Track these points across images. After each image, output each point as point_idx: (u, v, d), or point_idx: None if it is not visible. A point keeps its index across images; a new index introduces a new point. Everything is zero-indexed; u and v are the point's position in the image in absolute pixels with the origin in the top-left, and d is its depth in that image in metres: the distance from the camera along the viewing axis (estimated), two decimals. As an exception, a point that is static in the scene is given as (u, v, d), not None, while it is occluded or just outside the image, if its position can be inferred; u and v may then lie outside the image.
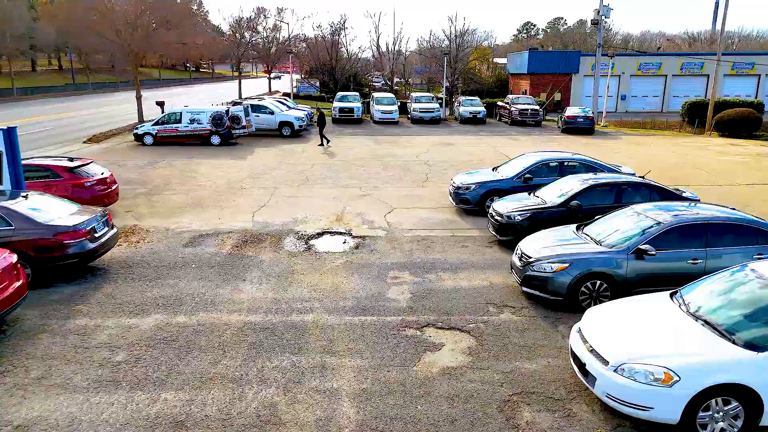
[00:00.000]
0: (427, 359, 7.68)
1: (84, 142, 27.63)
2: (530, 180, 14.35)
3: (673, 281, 8.49)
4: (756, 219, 9.51)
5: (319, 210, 15.47)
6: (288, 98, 41.53)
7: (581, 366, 6.70)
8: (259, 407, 6.57)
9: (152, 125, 27.08)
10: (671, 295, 7.40)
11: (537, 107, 38.43)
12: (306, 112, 33.89)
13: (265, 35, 65.57)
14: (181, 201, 16.36)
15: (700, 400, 5.87)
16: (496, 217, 12.40)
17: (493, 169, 16.03)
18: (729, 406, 5.91)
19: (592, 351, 6.59)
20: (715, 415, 5.94)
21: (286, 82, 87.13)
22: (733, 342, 6.08)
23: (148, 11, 31.98)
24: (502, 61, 70.36)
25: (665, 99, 54.22)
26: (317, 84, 61.77)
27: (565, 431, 6.21)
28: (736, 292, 6.85)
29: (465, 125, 37.93)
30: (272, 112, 31.01)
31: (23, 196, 10.56)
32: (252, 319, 8.81)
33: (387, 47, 63.80)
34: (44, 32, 62.66)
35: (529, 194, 13.15)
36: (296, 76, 66.34)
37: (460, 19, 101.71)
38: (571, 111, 34.97)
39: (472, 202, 14.78)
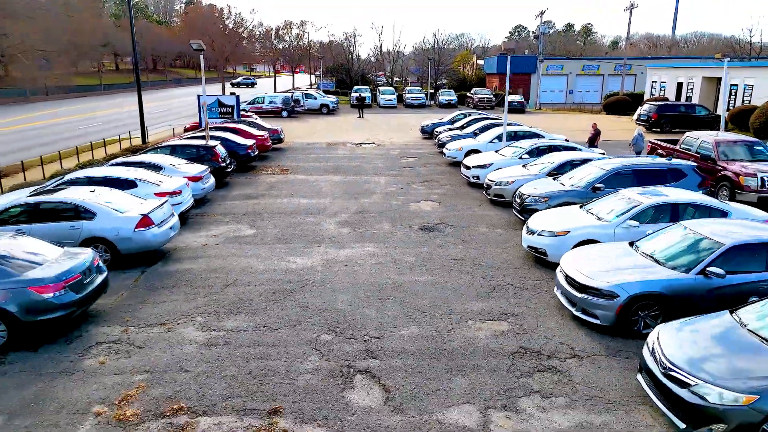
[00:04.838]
0: (402, 161, 25.27)
1: (202, 116, 45.17)
2: (456, 121, 31.64)
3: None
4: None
5: (357, 137, 32.93)
6: (319, 90, 59.00)
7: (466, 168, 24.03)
8: (356, 164, 24.12)
9: (247, 104, 44.41)
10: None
11: (492, 96, 55.69)
12: (335, 99, 51.22)
13: (291, 43, 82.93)
14: (288, 136, 33.67)
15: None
16: (438, 135, 29.69)
17: (439, 119, 33.51)
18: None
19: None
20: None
21: (303, 79, 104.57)
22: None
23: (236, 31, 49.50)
24: (483, 62, 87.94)
25: (603, 93, 71.23)
26: (334, 80, 79.10)
27: (435, 171, 23.54)
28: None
29: (442, 109, 55.11)
30: (316, 98, 48.47)
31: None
32: (346, 156, 26.33)
33: (388, 51, 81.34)
34: (120, 40, 80.00)
35: (451, 124, 30.61)
36: (307, 75, 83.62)
37: (443, 33, 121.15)
38: (510, 98, 52.15)
39: (429, 132, 32.21)
